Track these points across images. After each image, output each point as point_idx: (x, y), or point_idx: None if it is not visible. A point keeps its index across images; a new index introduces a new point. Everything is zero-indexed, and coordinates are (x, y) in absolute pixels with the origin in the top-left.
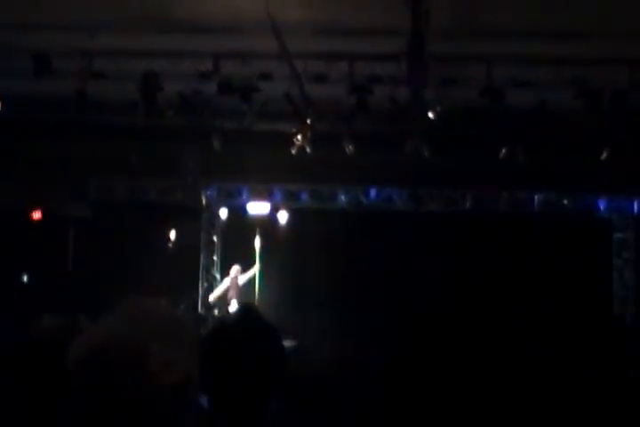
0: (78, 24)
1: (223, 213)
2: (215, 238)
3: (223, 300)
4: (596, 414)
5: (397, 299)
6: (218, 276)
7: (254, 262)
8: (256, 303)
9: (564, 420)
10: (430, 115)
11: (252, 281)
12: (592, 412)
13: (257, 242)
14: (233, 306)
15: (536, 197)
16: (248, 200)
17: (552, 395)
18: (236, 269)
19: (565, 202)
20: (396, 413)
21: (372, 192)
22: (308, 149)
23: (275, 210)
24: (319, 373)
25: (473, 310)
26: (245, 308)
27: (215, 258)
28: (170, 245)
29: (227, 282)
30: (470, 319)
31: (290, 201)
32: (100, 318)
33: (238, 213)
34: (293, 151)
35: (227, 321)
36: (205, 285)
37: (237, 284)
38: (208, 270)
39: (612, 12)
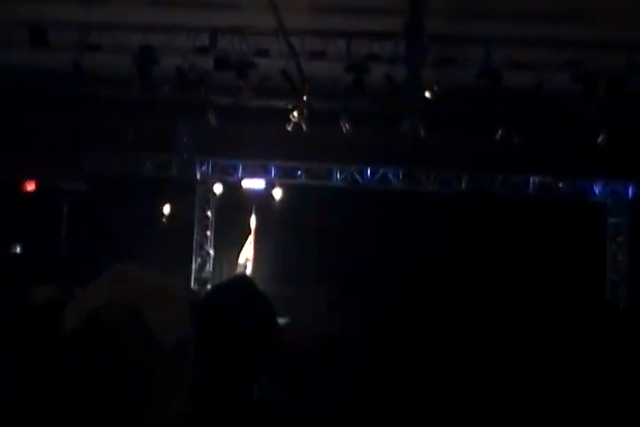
0: None
1: (218, 188)
2: (209, 214)
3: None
4: (586, 398)
5: (390, 276)
6: (211, 251)
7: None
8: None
9: (553, 402)
10: (427, 95)
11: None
12: (582, 396)
13: (252, 218)
14: None
15: (531, 179)
16: (243, 176)
17: (542, 378)
18: (245, 257)
19: (561, 185)
20: (388, 387)
21: (368, 171)
22: (303, 127)
23: (269, 186)
24: (312, 348)
25: (465, 290)
26: (239, 279)
27: (209, 233)
28: (164, 219)
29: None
30: (462, 300)
31: (285, 178)
32: (88, 285)
33: (233, 188)
34: (289, 128)
35: (220, 291)
36: (199, 260)
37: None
38: (202, 246)
39: None
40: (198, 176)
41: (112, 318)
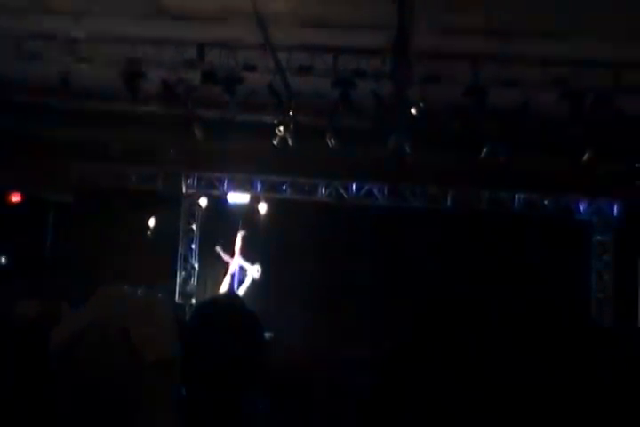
0: (63, 9)
1: (203, 202)
2: (194, 227)
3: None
4: (570, 415)
5: (376, 293)
6: (196, 265)
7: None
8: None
9: (536, 422)
10: (413, 111)
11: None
12: (567, 413)
13: (237, 233)
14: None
15: (517, 196)
16: (228, 190)
17: (528, 395)
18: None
19: (546, 203)
20: (375, 404)
21: (353, 186)
22: (289, 141)
23: (255, 201)
24: (296, 364)
25: (449, 307)
26: (228, 296)
27: (194, 247)
28: (149, 232)
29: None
30: (447, 316)
31: (270, 192)
32: (77, 307)
33: (218, 202)
34: (275, 143)
35: (209, 309)
36: (183, 273)
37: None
38: (186, 259)
39: (601, 13)
40: (184, 189)
41: (98, 336)
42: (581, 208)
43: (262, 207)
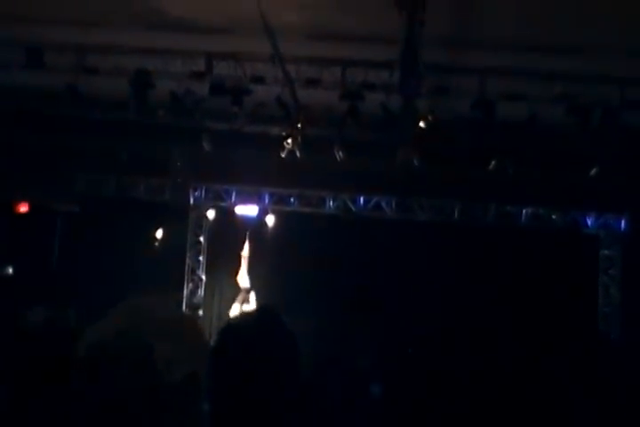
0: (72, 19)
1: (211, 213)
2: (202, 239)
3: None
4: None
5: (383, 306)
6: (203, 277)
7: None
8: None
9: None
10: (422, 124)
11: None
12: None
13: (245, 245)
14: None
15: (524, 210)
16: (236, 202)
17: (537, 409)
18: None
19: (554, 217)
20: (383, 413)
21: (361, 199)
22: (297, 154)
23: (263, 213)
24: (307, 376)
25: (457, 320)
26: (265, 311)
27: (201, 259)
28: (156, 243)
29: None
30: (454, 330)
31: (278, 205)
32: (104, 316)
33: (226, 214)
34: (283, 155)
35: (243, 325)
36: (190, 285)
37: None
38: (194, 271)
39: (609, 28)
40: (191, 201)
41: (123, 350)
42: (589, 222)
43: (270, 219)
